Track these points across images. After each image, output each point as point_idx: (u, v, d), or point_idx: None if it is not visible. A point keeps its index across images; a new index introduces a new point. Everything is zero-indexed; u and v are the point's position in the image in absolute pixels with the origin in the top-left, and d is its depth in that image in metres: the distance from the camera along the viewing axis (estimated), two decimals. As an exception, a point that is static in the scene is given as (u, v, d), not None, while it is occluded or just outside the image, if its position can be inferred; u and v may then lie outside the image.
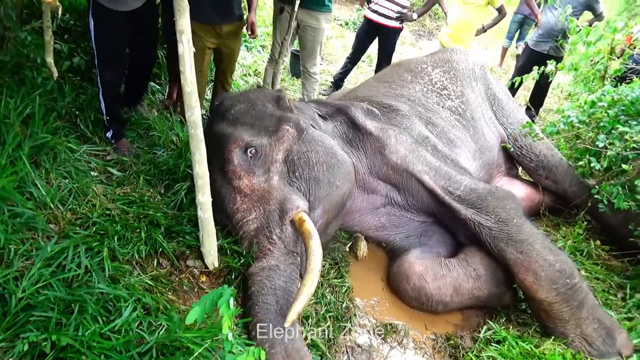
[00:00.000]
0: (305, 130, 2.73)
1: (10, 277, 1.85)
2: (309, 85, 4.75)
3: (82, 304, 1.85)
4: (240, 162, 2.53)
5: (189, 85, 2.13)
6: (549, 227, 3.78)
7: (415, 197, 3.00)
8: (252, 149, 2.56)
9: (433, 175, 2.91)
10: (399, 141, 2.96)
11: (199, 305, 1.65)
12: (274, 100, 2.93)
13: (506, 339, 2.49)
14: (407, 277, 2.71)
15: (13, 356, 1.64)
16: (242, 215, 2.49)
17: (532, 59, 5.41)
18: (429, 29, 10.62)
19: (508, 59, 9.24)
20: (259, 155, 2.57)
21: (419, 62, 3.85)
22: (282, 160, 2.61)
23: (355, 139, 3.03)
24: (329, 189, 2.61)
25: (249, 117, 2.77)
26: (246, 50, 6.17)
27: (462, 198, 2.83)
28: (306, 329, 2.32)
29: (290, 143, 2.66)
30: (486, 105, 3.86)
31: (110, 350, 1.72)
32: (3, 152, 2.30)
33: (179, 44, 2.05)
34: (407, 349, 2.50)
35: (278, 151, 2.61)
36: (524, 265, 2.55)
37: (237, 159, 2.54)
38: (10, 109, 2.57)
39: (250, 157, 2.55)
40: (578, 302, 2.51)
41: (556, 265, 2.51)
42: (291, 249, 2.41)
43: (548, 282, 2.49)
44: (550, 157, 3.76)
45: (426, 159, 2.97)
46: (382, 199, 3.08)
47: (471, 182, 2.90)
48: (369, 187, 3.02)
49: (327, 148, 2.74)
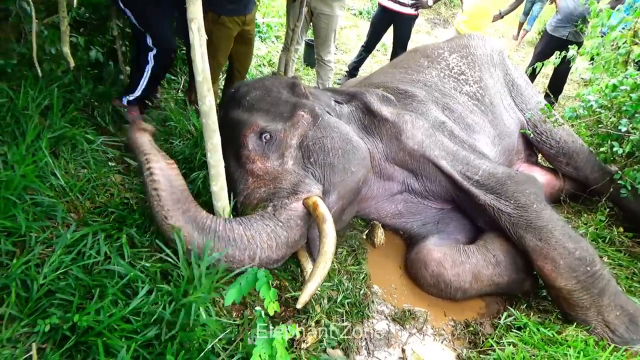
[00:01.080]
0: (321, 117, 2.71)
1: (31, 264, 1.88)
2: (323, 74, 4.72)
3: (102, 288, 1.87)
4: (255, 147, 2.53)
5: (199, 74, 2.10)
6: (570, 214, 3.72)
7: (433, 183, 2.96)
8: (266, 135, 2.55)
9: (451, 160, 2.87)
10: (416, 126, 2.93)
11: (234, 286, 1.66)
12: (289, 86, 2.92)
13: (527, 325, 2.45)
14: (425, 264, 2.69)
15: (35, 339, 1.67)
16: (251, 191, 2.46)
17: (551, 45, 5.32)
18: (444, 17, 10.47)
19: (525, 45, 9.07)
20: (273, 140, 2.56)
21: (435, 47, 3.80)
22: (297, 146, 2.59)
23: (371, 125, 3.00)
24: (344, 175, 2.59)
25: (264, 103, 2.77)
26: (260, 41, 6.16)
27: (481, 183, 2.79)
28: (323, 315, 2.32)
29: (305, 129, 2.64)
30: (505, 92, 3.80)
31: (131, 332, 1.74)
32: (23, 142, 2.34)
33: (190, 32, 2.02)
34: (426, 336, 2.48)
35: (293, 136, 2.59)
36: (543, 252, 2.51)
37: (251, 143, 2.53)
38: (29, 100, 2.61)
39: (265, 142, 2.54)
40: (599, 290, 2.46)
41: (576, 253, 2.46)
42: (279, 224, 2.26)
43: (567, 270, 2.45)
44: (571, 143, 3.69)
45: (443, 143, 2.93)
46: (398, 185, 3.04)
47: (490, 167, 2.85)
48: (385, 173, 2.99)
49: (342, 134, 2.71)
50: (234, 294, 1.65)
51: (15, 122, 2.46)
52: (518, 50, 8.69)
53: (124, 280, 1.93)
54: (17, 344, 1.65)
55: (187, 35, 2.05)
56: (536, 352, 2.25)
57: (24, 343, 1.67)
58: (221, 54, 3.47)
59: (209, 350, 1.79)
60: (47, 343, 1.70)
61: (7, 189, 1.99)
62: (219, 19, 3.25)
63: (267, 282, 1.65)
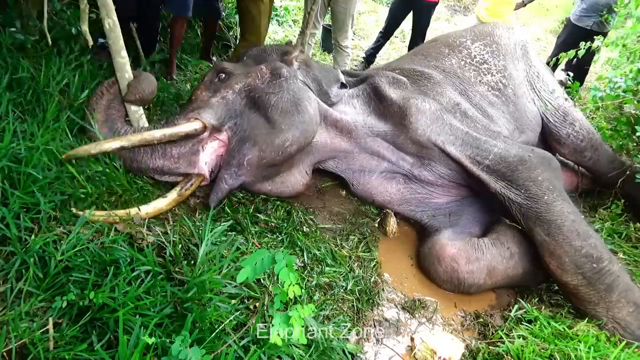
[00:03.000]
0: (283, 77, 2.78)
1: (49, 240, 1.91)
2: (340, 59, 4.69)
3: (117, 266, 1.90)
4: (208, 80, 2.84)
5: None
6: (585, 209, 3.67)
7: (441, 169, 2.95)
8: (222, 75, 2.82)
9: (459, 144, 2.84)
10: (421, 110, 2.89)
11: (249, 263, 1.65)
12: (282, 53, 3.02)
13: (538, 318, 2.44)
14: (438, 259, 2.68)
15: (52, 314, 1.71)
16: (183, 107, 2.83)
17: (574, 35, 5.17)
18: (464, 4, 10.26)
19: (548, 34, 8.87)
20: (224, 80, 2.80)
21: (457, 35, 3.72)
22: (237, 91, 2.74)
23: (377, 107, 3.03)
24: (271, 130, 2.62)
25: (252, 59, 3.03)
26: (277, 25, 6.12)
27: (491, 168, 2.74)
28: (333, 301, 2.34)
29: (256, 80, 2.76)
30: (529, 85, 3.71)
31: (143, 308, 1.77)
32: (44, 121, 2.36)
33: None
34: (435, 325, 2.48)
35: (239, 82, 2.77)
36: (550, 249, 2.51)
37: (208, 77, 2.86)
38: (49, 78, 2.63)
39: (218, 80, 2.82)
40: (606, 286, 2.44)
41: (582, 250, 2.45)
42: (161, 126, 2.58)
43: (573, 267, 2.45)
44: (596, 135, 3.66)
45: (452, 127, 2.89)
46: (391, 165, 3.08)
47: (502, 149, 2.78)
48: (370, 149, 3.06)
49: (294, 98, 2.73)
50: (247, 272, 1.64)
51: (36, 99, 2.49)
52: (540, 40, 8.51)
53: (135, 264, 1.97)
54: (35, 318, 1.69)
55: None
56: (546, 345, 2.23)
57: (41, 317, 1.71)
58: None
59: (220, 330, 1.82)
60: (63, 318, 1.74)
61: (27, 166, 2.02)
62: None
63: (290, 265, 1.64)
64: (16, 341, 1.57)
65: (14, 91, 2.42)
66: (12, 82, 2.44)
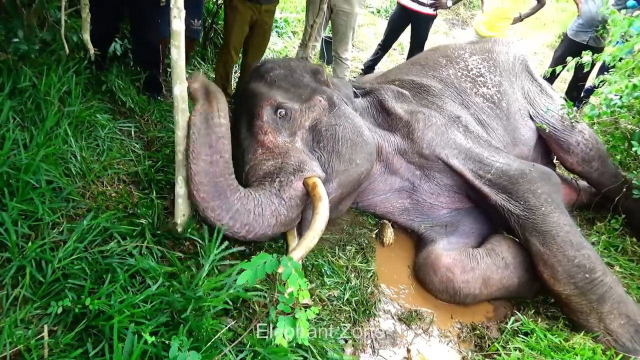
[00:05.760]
0: (337, 105, 2.76)
1: (46, 247, 1.91)
2: (340, 71, 4.72)
3: (113, 274, 1.90)
4: (269, 120, 2.59)
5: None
6: (582, 222, 3.68)
7: (444, 182, 2.98)
8: (282, 111, 2.61)
9: (463, 158, 2.89)
10: (427, 125, 2.94)
11: (250, 267, 1.66)
12: (313, 72, 2.98)
13: (534, 331, 2.44)
14: (434, 269, 2.69)
15: (47, 322, 1.71)
16: (258, 162, 2.51)
17: (571, 50, 5.22)
18: (463, 18, 10.36)
19: (545, 49, 8.96)
20: (288, 117, 2.62)
21: (456, 48, 3.76)
22: (309, 128, 2.66)
23: (384, 122, 3.04)
24: (349, 165, 2.62)
25: (285, 82, 2.82)
26: (277, 36, 6.17)
27: (493, 182, 2.80)
28: (330, 312, 2.33)
29: (320, 114, 2.70)
30: (525, 100, 3.72)
31: (140, 317, 1.77)
32: (43, 128, 2.37)
33: (173, 19, 2.01)
34: (431, 337, 2.48)
35: (307, 118, 2.66)
36: (544, 258, 2.55)
37: (266, 116, 2.59)
38: (50, 86, 2.64)
39: (279, 117, 2.61)
40: (598, 297, 2.46)
41: (575, 260, 2.49)
42: (283, 202, 2.34)
43: (565, 277, 2.49)
44: (602, 146, 3.62)
45: (456, 141, 2.93)
46: (403, 182, 3.06)
47: (503, 164, 2.84)
48: (390, 168, 3.02)
49: (355, 126, 2.75)
50: (248, 275, 1.64)
51: (35, 107, 2.50)
52: (537, 54, 8.58)
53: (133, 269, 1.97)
54: (30, 325, 1.69)
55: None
56: (542, 358, 2.24)
57: (36, 325, 1.71)
58: (234, 39, 3.52)
59: (217, 339, 1.82)
60: (59, 326, 1.74)
61: (26, 173, 2.03)
62: (232, 1, 3.32)
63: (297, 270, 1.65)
64: (11, 348, 1.57)
65: (15, 99, 2.43)
66: (14, 90, 2.45)
